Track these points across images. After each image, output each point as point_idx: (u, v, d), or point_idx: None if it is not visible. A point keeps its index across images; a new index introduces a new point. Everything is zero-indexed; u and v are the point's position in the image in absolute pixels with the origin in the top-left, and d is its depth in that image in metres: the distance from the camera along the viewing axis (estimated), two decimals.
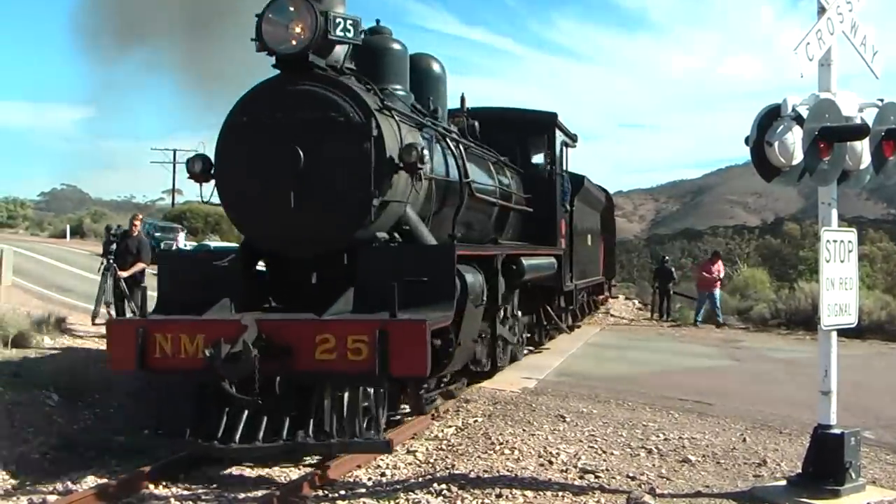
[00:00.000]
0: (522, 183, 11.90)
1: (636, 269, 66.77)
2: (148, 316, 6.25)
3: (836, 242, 5.43)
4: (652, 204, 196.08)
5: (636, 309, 26.55)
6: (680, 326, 19.80)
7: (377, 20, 8.47)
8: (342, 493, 5.42)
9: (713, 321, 19.63)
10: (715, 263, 20.48)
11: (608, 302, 24.77)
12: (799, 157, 5.20)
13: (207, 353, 5.57)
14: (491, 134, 10.88)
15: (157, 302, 6.77)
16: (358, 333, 5.60)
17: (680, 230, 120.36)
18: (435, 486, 5.48)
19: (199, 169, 6.91)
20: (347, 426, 5.67)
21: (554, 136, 12.58)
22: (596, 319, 20.61)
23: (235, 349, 5.51)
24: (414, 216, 7.11)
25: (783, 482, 5.50)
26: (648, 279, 30.79)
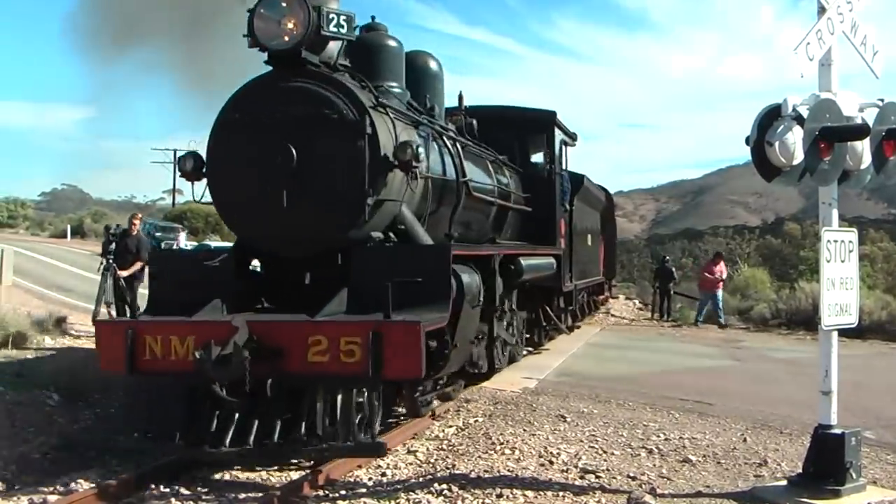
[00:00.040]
0: (521, 182, 11.77)
1: (637, 269, 66.73)
2: (138, 317, 6.13)
3: (836, 242, 5.42)
4: (652, 204, 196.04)
5: (637, 309, 26.55)
6: (680, 326, 19.80)
7: (372, 17, 8.39)
8: (343, 492, 5.42)
9: (714, 321, 19.63)
10: (717, 264, 20.43)
11: (609, 302, 24.77)
12: (799, 156, 5.20)
13: (197, 355, 5.47)
14: (489, 133, 10.75)
15: (147, 302, 6.69)
16: (351, 335, 5.50)
17: (680, 230, 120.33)
18: (435, 485, 5.48)
19: (190, 167, 6.80)
20: (340, 429, 5.55)
21: (553, 134, 12.44)
22: (596, 319, 20.61)
23: (226, 351, 5.41)
24: (409, 215, 6.98)
25: (784, 482, 5.50)
26: (649, 279, 30.80)
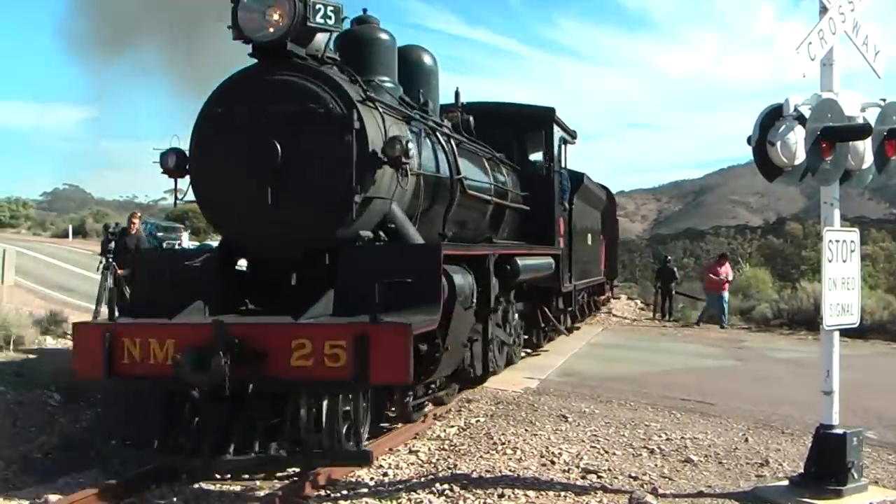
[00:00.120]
0: (519, 180, 11.56)
1: (638, 269, 66.70)
2: (116, 319, 5.90)
3: (838, 242, 5.42)
4: (654, 204, 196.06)
5: (638, 309, 26.55)
6: (682, 326, 19.80)
7: (364, 9, 8.15)
8: (344, 492, 5.42)
9: (715, 321, 19.61)
10: (722, 265, 20.22)
11: (610, 302, 24.75)
12: (801, 156, 5.20)
13: (177, 358, 5.24)
14: (486, 130, 10.55)
15: (128, 304, 6.49)
16: (336, 338, 5.26)
17: (682, 230, 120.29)
18: (437, 485, 5.47)
19: (172, 164, 6.53)
20: (325, 437, 5.35)
21: (552, 131, 12.20)
22: (598, 319, 20.60)
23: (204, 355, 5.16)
24: (400, 214, 6.76)
25: (785, 482, 5.49)
26: (651, 279, 30.80)
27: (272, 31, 6.05)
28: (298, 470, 5.76)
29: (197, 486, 5.65)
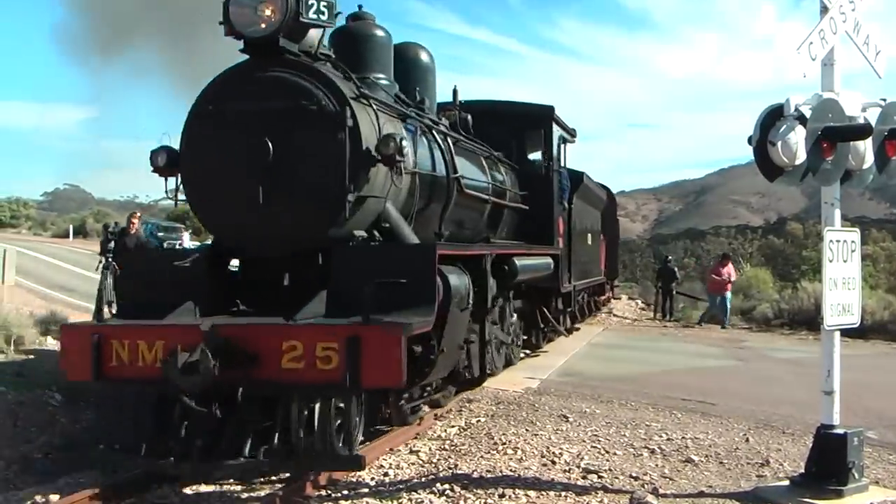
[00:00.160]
0: (518, 180, 11.40)
1: (639, 269, 66.68)
2: (105, 321, 5.77)
3: (839, 242, 5.42)
4: (655, 204, 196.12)
5: (639, 309, 26.57)
6: (683, 326, 19.79)
7: (359, 5, 8.00)
8: (345, 492, 5.42)
9: (717, 321, 19.60)
10: (725, 266, 20.17)
11: (611, 302, 24.75)
12: (802, 156, 5.19)
13: (166, 361, 5.12)
14: (485, 128, 10.40)
15: (118, 305, 6.34)
16: (327, 340, 5.12)
17: (683, 230, 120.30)
18: (438, 485, 5.47)
19: (163, 162, 6.41)
20: (317, 441, 5.25)
21: (551, 130, 12.02)
22: (599, 319, 20.60)
23: (193, 358, 5.03)
24: (395, 213, 6.64)
25: (786, 482, 5.49)
26: (651, 279, 30.81)
27: (264, 26, 5.94)
28: (289, 475, 5.66)
29: (197, 486, 5.65)
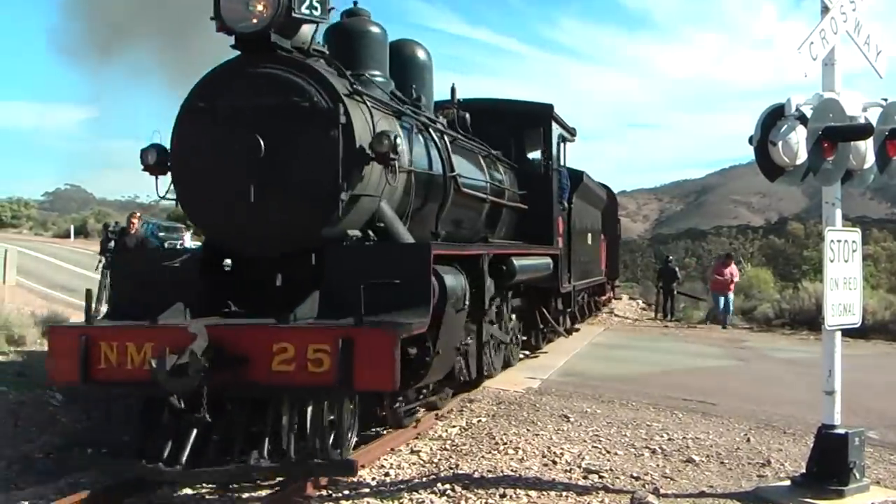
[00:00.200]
0: (517, 179, 11.26)
1: (640, 268, 66.73)
2: (93, 322, 5.62)
3: (840, 242, 5.41)
4: (656, 204, 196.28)
5: (640, 309, 26.58)
6: (684, 326, 19.79)
7: (354, 1, 7.86)
8: (346, 492, 5.42)
9: (719, 321, 19.60)
10: (728, 265, 20.15)
11: (612, 302, 24.75)
12: (803, 156, 5.19)
13: (153, 363, 4.96)
14: (483, 127, 10.27)
15: (109, 306, 6.25)
16: (319, 342, 4.99)
17: (684, 230, 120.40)
18: (439, 485, 5.47)
19: (153, 160, 6.24)
20: (308, 445, 5.11)
21: (550, 128, 11.84)
22: (600, 319, 20.60)
23: (181, 360, 4.89)
24: (389, 212, 6.48)
25: (787, 482, 5.49)
26: (652, 279, 30.83)
27: (255, 21, 5.80)
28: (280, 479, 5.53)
29: (199, 484, 5.64)
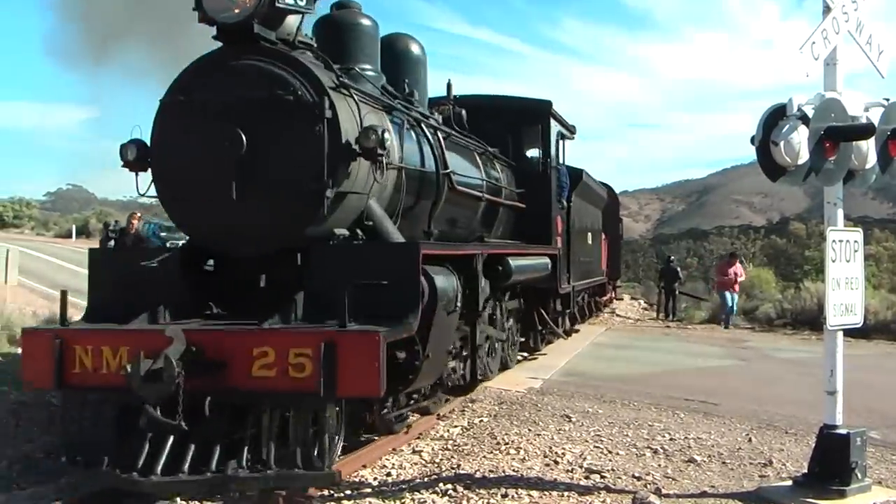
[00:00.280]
0: (515, 177, 11.03)
1: (642, 268, 66.76)
2: (69, 324, 5.46)
3: (841, 242, 5.41)
4: (657, 203, 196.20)
5: (642, 309, 26.58)
6: (686, 326, 19.77)
7: None
8: (347, 492, 5.41)
9: (718, 321, 19.57)
10: (732, 265, 20.11)
11: (613, 303, 24.74)
12: (804, 156, 5.18)
13: (129, 368, 4.78)
14: (480, 124, 10.05)
15: (86, 308, 6.08)
16: (301, 346, 4.82)
17: (685, 230, 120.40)
18: (440, 485, 5.47)
19: (132, 156, 6.01)
20: (289, 455, 4.89)
21: (549, 125, 11.58)
22: (601, 319, 20.59)
23: (156, 365, 4.71)
24: (378, 210, 6.25)
25: (789, 482, 5.48)
26: (654, 279, 30.81)
27: (237, 11, 5.59)
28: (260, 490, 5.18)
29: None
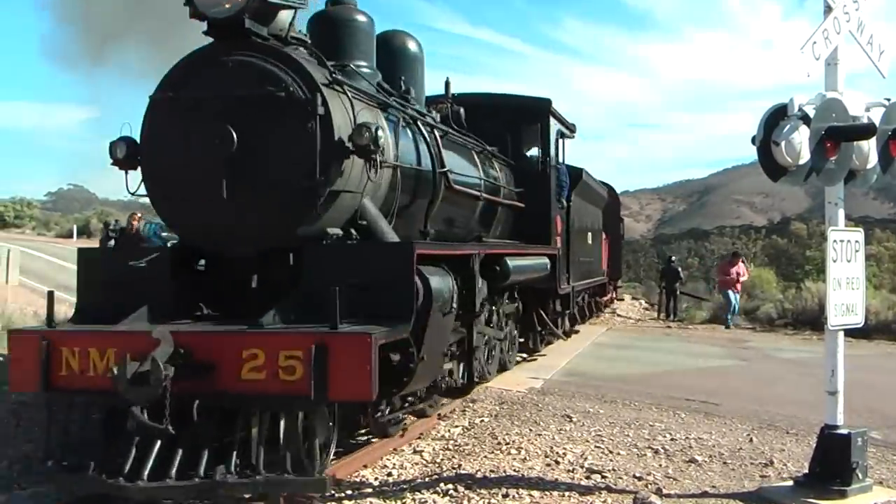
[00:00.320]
0: (514, 176, 10.86)
1: (643, 268, 66.78)
2: (55, 326, 5.34)
3: (842, 242, 5.41)
4: (658, 203, 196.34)
5: (643, 309, 26.57)
6: (687, 326, 19.76)
7: None
8: (349, 492, 5.42)
9: (722, 321, 19.55)
10: (735, 265, 20.06)
11: (614, 303, 24.72)
12: (806, 156, 5.19)
13: (115, 371, 4.67)
14: (478, 122, 9.90)
15: (75, 309, 5.99)
16: (291, 348, 4.70)
17: (686, 230, 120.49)
18: (441, 485, 5.48)
19: (122, 154, 5.86)
20: (280, 459, 4.78)
21: (548, 124, 11.42)
22: (602, 319, 20.59)
23: (143, 368, 4.60)
24: (373, 209, 6.12)
25: (790, 482, 5.48)
26: (655, 279, 30.81)
27: (228, 6, 5.46)
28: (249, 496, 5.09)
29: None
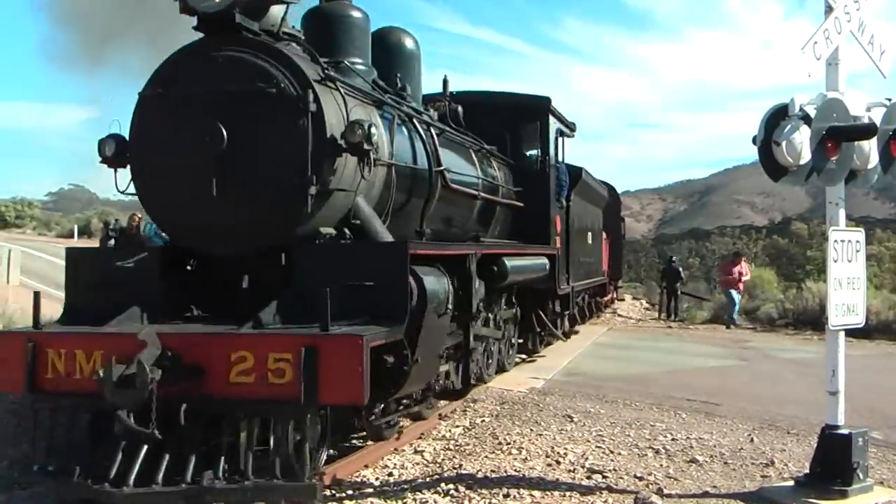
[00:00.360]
0: (512, 175, 10.77)
1: (644, 268, 66.78)
2: (41, 327, 5.27)
3: (843, 242, 5.41)
4: (659, 203, 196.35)
5: (644, 309, 26.57)
6: (688, 326, 19.76)
7: None
8: (349, 492, 5.42)
9: (723, 321, 19.54)
10: (736, 264, 20.10)
11: (615, 303, 24.71)
12: (806, 156, 5.19)
13: (101, 374, 4.58)
14: (477, 121, 9.84)
15: (63, 310, 5.86)
16: (281, 350, 4.59)
17: (687, 230, 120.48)
18: (442, 485, 5.48)
19: (111, 152, 5.77)
20: (269, 464, 4.64)
21: (547, 123, 11.34)
22: (603, 319, 20.59)
23: (129, 371, 4.51)
24: (366, 208, 6.01)
25: (791, 482, 5.48)
26: (656, 279, 30.80)
27: (218, 1, 5.38)
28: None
29: None
